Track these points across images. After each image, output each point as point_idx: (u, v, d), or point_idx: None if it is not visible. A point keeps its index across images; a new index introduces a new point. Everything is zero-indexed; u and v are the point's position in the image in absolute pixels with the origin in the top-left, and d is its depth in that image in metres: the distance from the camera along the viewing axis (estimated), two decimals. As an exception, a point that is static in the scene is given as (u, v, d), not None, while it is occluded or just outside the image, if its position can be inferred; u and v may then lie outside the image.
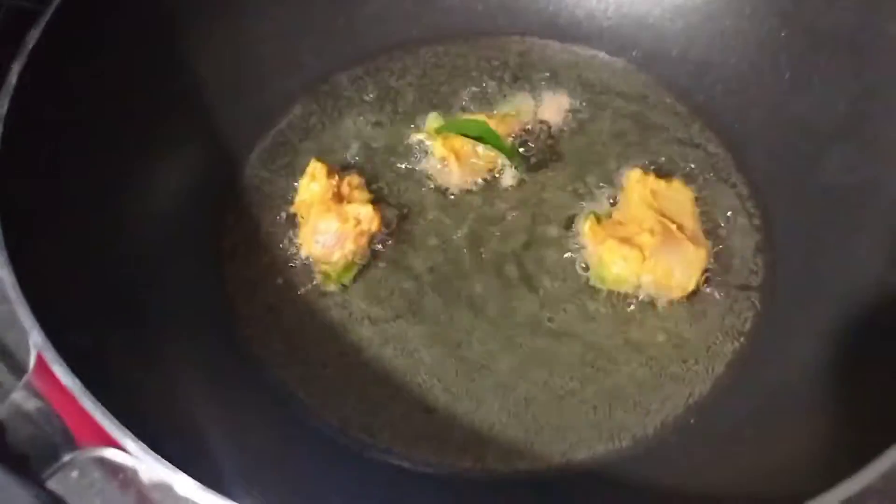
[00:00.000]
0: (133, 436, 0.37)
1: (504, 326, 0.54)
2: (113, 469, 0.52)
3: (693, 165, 0.60)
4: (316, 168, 0.57)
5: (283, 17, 0.63)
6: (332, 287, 0.56)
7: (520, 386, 0.52)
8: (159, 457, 0.36)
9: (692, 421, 0.50)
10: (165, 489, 0.49)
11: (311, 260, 0.56)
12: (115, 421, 0.37)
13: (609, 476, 0.48)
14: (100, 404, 0.37)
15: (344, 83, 0.65)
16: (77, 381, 0.38)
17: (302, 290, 0.56)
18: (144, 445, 0.36)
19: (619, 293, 0.55)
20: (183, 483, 0.36)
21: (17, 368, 0.58)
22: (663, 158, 0.60)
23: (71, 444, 0.39)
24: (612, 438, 0.50)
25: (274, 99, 0.63)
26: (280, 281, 0.56)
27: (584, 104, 0.63)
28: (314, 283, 0.56)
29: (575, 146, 0.61)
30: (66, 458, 0.38)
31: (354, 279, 0.56)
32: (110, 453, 0.39)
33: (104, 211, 0.50)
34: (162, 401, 0.43)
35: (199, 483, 0.36)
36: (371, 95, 0.64)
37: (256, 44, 0.61)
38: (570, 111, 0.63)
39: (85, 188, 0.49)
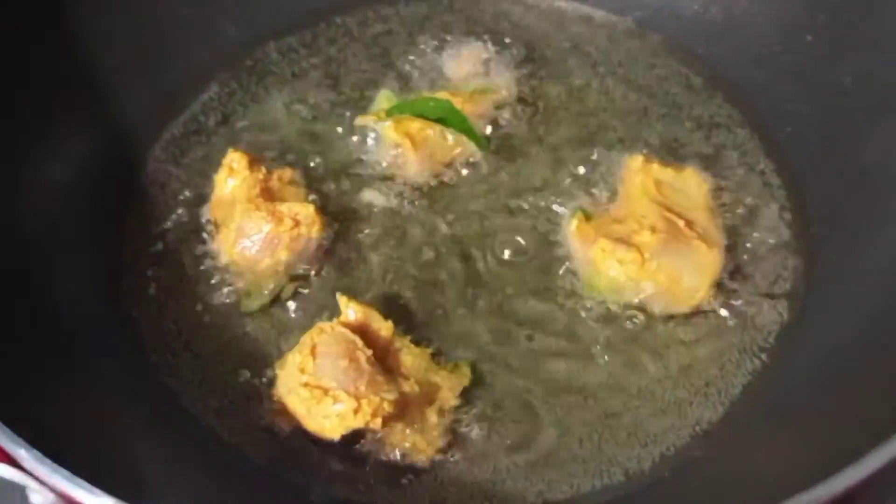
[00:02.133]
0: (27, 445, 0.48)
1: (473, 346, 0.65)
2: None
3: (710, 150, 0.72)
4: (234, 159, 0.68)
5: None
6: (254, 305, 0.67)
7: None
8: (55, 464, 0.47)
9: (698, 454, 0.61)
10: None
11: (230, 270, 0.67)
12: (8, 430, 0.49)
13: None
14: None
15: (272, 56, 0.78)
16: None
17: (216, 310, 0.67)
18: (39, 454, 0.48)
19: (613, 304, 0.66)
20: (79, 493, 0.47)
21: None
22: (673, 141, 0.73)
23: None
24: (600, 475, 0.61)
25: (184, 76, 0.75)
26: (190, 298, 0.67)
27: (576, 76, 0.76)
28: (232, 300, 0.67)
29: (562, 128, 0.74)
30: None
31: (282, 296, 0.67)
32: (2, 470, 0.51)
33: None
34: (63, 417, 0.55)
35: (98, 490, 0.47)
36: (306, 70, 0.77)
37: (162, 8, 0.74)
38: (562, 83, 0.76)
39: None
